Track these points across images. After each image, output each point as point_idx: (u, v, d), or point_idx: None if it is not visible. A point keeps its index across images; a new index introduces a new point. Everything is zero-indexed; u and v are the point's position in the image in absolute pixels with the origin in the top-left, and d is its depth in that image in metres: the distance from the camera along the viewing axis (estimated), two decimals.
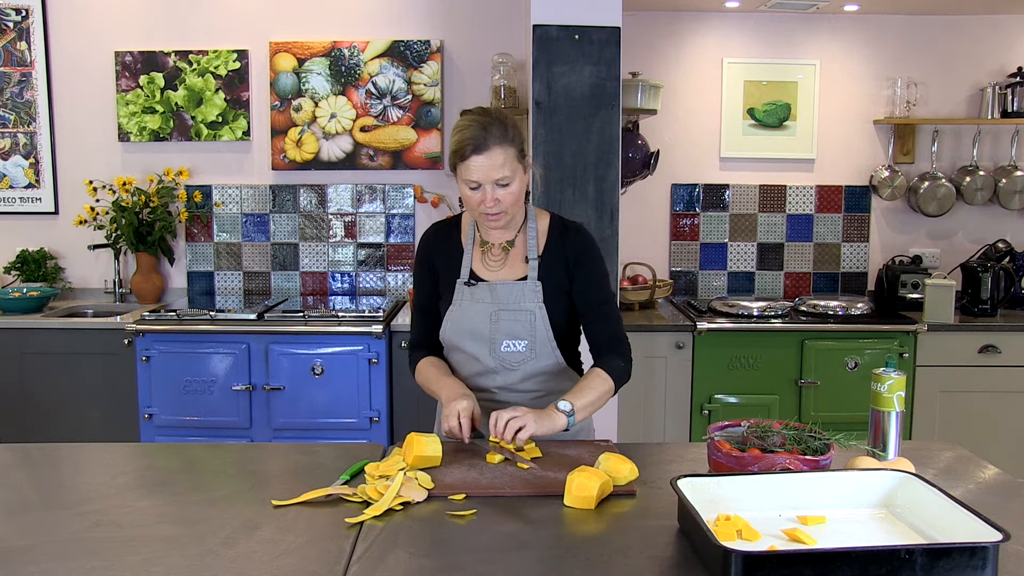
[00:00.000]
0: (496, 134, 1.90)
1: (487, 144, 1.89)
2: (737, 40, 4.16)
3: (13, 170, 4.15)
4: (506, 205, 1.95)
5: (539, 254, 2.06)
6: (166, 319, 3.56)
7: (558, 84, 3.33)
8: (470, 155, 1.89)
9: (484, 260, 2.10)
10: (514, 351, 2.05)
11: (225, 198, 4.16)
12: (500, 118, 1.94)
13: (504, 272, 2.08)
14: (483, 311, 2.05)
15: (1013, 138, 4.18)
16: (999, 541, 1.29)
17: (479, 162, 1.89)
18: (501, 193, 1.93)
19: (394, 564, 1.39)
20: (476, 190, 1.93)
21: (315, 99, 4.07)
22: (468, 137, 1.90)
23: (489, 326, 2.05)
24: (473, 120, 1.92)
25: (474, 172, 1.90)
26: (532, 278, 2.05)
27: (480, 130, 1.90)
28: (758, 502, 1.53)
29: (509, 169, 1.92)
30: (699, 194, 4.24)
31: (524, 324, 2.04)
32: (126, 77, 4.07)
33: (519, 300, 2.05)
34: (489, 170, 1.90)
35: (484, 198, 1.93)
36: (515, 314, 2.04)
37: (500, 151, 1.90)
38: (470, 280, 2.07)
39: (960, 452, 2.00)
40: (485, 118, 1.93)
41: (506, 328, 2.04)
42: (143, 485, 1.79)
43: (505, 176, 1.91)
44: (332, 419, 3.53)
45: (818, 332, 3.66)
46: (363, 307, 3.74)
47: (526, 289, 2.05)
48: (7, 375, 3.63)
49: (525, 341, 2.05)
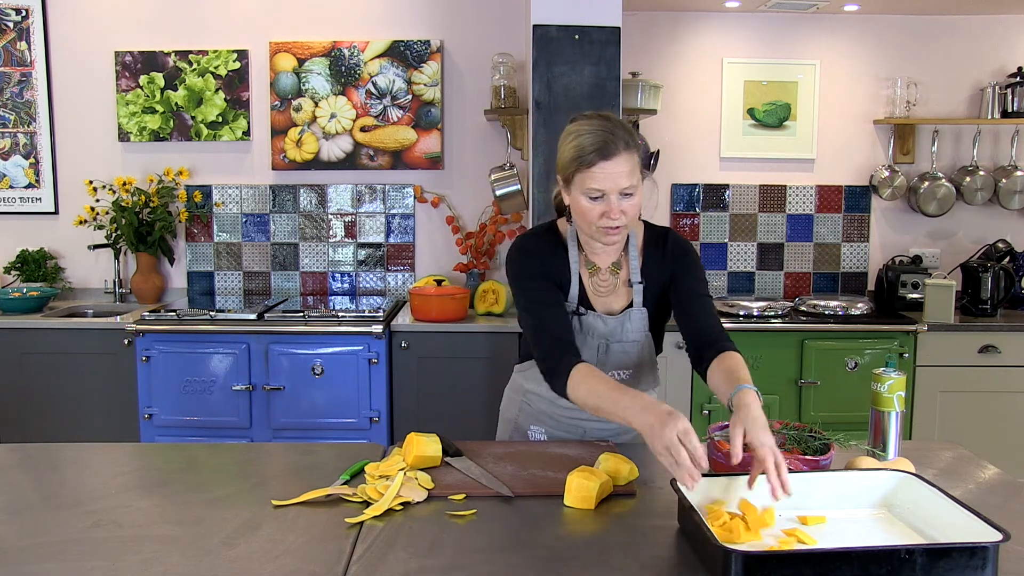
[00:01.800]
0: (624, 139, 1.76)
1: (615, 149, 1.74)
2: (737, 40, 4.16)
3: (13, 170, 4.15)
4: (629, 218, 1.81)
5: (640, 276, 1.96)
6: (166, 319, 3.56)
7: (558, 84, 3.33)
8: (596, 161, 1.74)
9: (594, 284, 1.97)
10: (619, 379, 1.98)
11: (225, 198, 4.16)
12: (623, 123, 1.81)
13: (612, 299, 1.98)
14: (591, 344, 1.97)
15: (1013, 138, 4.17)
16: (999, 541, 1.29)
17: (605, 169, 1.74)
18: (626, 204, 1.78)
19: (394, 564, 1.39)
20: (598, 200, 1.78)
21: (315, 99, 4.07)
22: (594, 142, 1.75)
23: (596, 357, 1.98)
24: (596, 125, 1.78)
25: (600, 180, 1.75)
26: (638, 304, 1.97)
27: (607, 134, 1.75)
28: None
29: (635, 178, 1.78)
30: (699, 194, 4.24)
31: (631, 355, 1.99)
32: (126, 77, 4.07)
33: (628, 332, 1.97)
34: (617, 177, 1.75)
35: (608, 209, 1.78)
36: (623, 345, 1.98)
37: (627, 157, 1.76)
38: (579, 308, 1.95)
39: (960, 452, 1.99)
40: (609, 123, 1.78)
41: (615, 360, 1.99)
42: (143, 485, 1.78)
43: (632, 185, 1.78)
44: (332, 419, 3.53)
45: (818, 332, 3.66)
46: (363, 307, 3.74)
47: (634, 320, 1.97)
48: (7, 375, 3.63)
49: (631, 371, 2.01)
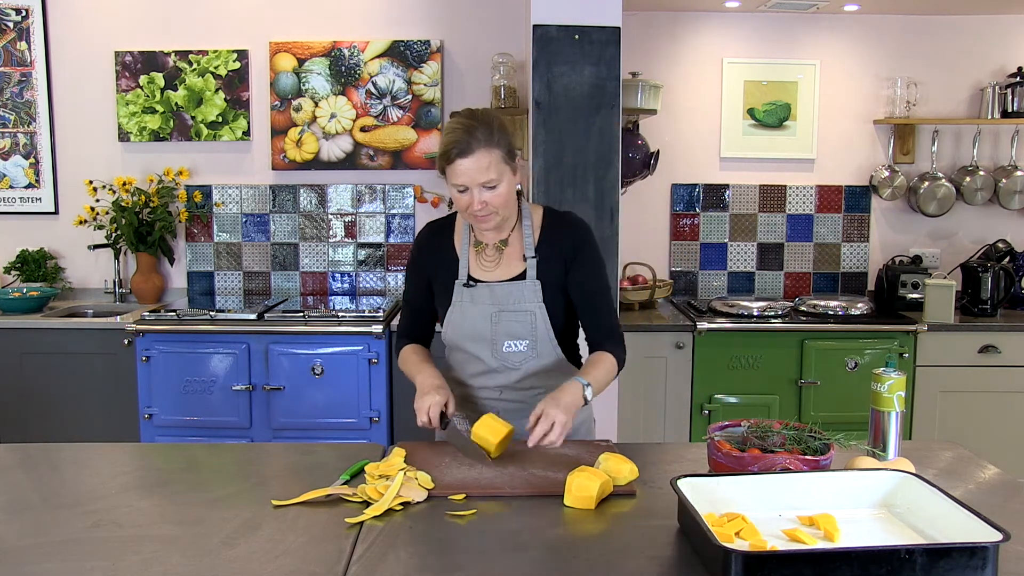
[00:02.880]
0: (481, 137, 1.90)
1: (471, 147, 1.89)
2: (737, 40, 4.16)
3: (13, 170, 4.15)
4: (494, 207, 1.95)
5: (535, 251, 2.06)
6: (166, 319, 3.56)
7: (558, 84, 3.33)
8: (455, 158, 1.90)
9: (479, 260, 2.09)
10: (516, 351, 2.05)
11: (225, 198, 4.16)
12: (486, 120, 1.93)
13: (500, 271, 2.08)
14: (483, 312, 2.05)
15: (1013, 138, 4.17)
16: (999, 541, 1.29)
17: (464, 165, 1.90)
18: (488, 195, 1.93)
19: (394, 564, 1.39)
20: (464, 193, 1.94)
21: (315, 99, 4.07)
22: (453, 141, 1.90)
23: (490, 327, 2.05)
24: (459, 123, 1.92)
25: (460, 176, 1.91)
26: (531, 277, 2.05)
27: (464, 133, 1.90)
28: (758, 502, 1.53)
29: (495, 172, 1.92)
30: (699, 194, 4.24)
31: (525, 324, 2.05)
32: (126, 77, 4.07)
33: (519, 300, 2.05)
34: (475, 173, 1.90)
35: (472, 200, 1.93)
36: (516, 314, 2.05)
37: (485, 154, 1.90)
38: (468, 281, 2.07)
39: (960, 452, 2.00)
40: (470, 121, 1.92)
41: (507, 329, 2.05)
42: (143, 485, 1.79)
43: (491, 179, 1.91)
44: (332, 419, 3.53)
45: (818, 332, 3.66)
46: (363, 307, 3.73)
47: (525, 289, 2.05)
48: (7, 375, 3.63)
49: (527, 341, 2.05)
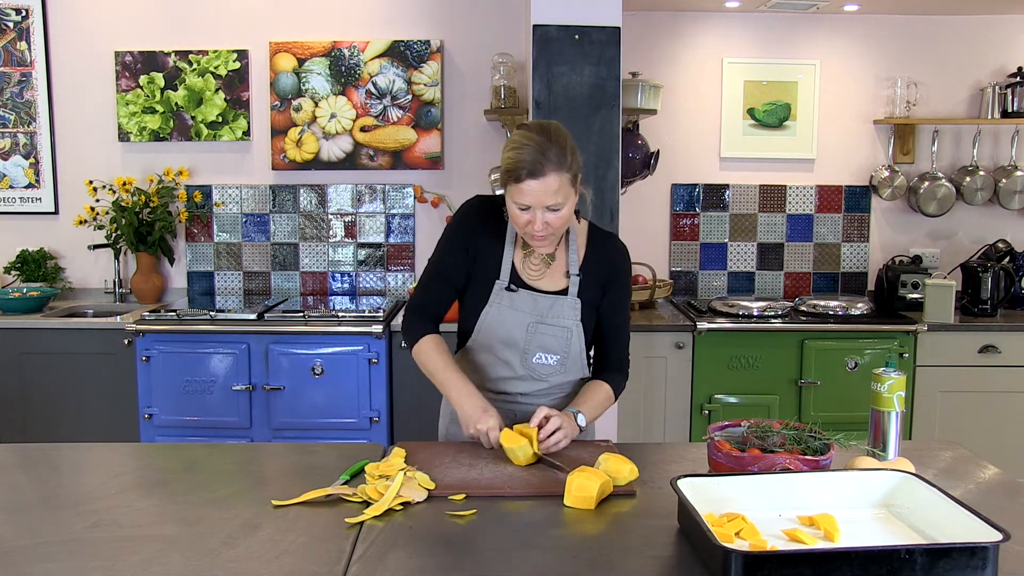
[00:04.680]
0: (554, 159, 1.80)
1: (543, 169, 1.79)
2: (737, 40, 4.16)
3: (13, 170, 4.15)
4: (554, 228, 1.88)
5: (578, 270, 2.01)
6: (166, 319, 3.56)
7: (558, 84, 3.33)
8: (524, 179, 1.80)
9: (526, 266, 2.02)
10: (545, 364, 2.02)
11: (225, 198, 4.16)
12: (560, 140, 1.83)
13: (544, 282, 2.02)
14: (521, 320, 2.00)
15: (1013, 138, 4.17)
16: (999, 541, 1.29)
17: (533, 187, 1.81)
18: (551, 217, 1.85)
19: (394, 564, 1.39)
20: (525, 211, 1.85)
21: (315, 99, 4.07)
22: (523, 160, 1.80)
23: (525, 336, 2.00)
24: (530, 140, 1.82)
25: (526, 196, 1.82)
26: (572, 294, 2.01)
27: (538, 154, 1.80)
28: (758, 502, 1.53)
29: (562, 195, 1.83)
30: (699, 194, 4.24)
31: (560, 340, 2.01)
32: (126, 77, 4.07)
33: (559, 316, 2.00)
34: (543, 196, 1.81)
35: (532, 220, 1.85)
36: (553, 328, 2.00)
37: (556, 178, 1.81)
38: (511, 285, 2.01)
39: (960, 452, 2.00)
40: (543, 139, 1.82)
41: (541, 341, 2.01)
42: (143, 485, 1.79)
43: (558, 203, 1.83)
44: (332, 419, 3.53)
45: (818, 332, 3.66)
46: (363, 307, 3.74)
47: (566, 305, 2.00)
48: (7, 375, 3.63)
49: (558, 356, 2.02)
